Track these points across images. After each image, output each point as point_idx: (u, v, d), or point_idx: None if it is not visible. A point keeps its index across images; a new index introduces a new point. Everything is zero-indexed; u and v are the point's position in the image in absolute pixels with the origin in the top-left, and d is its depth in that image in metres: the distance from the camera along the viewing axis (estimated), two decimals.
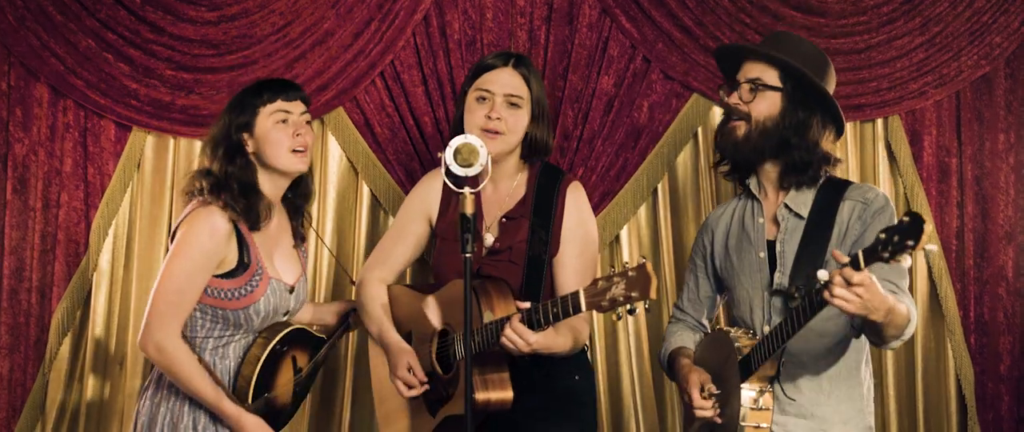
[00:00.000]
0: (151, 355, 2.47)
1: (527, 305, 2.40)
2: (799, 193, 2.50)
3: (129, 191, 3.54)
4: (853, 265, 2.02)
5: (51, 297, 3.50)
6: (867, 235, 2.36)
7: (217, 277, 2.49)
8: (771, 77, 2.49)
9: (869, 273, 2.04)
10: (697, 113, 3.52)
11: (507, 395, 2.52)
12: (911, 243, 1.90)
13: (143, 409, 2.56)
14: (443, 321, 2.66)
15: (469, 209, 2.23)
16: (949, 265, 3.50)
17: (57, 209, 3.51)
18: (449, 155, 2.30)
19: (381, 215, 3.59)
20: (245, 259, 2.51)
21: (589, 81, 3.49)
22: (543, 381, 2.66)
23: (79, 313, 3.52)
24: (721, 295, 2.72)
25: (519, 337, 2.39)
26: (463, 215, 2.23)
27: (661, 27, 3.48)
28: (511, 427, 2.63)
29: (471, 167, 2.29)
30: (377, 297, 2.81)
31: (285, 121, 2.56)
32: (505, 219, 2.73)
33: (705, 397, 2.40)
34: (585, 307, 2.27)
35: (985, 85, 3.52)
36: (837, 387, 2.45)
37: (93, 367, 3.50)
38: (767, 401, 2.34)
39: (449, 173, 2.32)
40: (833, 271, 2.06)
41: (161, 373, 2.55)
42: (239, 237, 2.51)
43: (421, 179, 2.93)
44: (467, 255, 2.22)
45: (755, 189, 2.58)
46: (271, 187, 2.59)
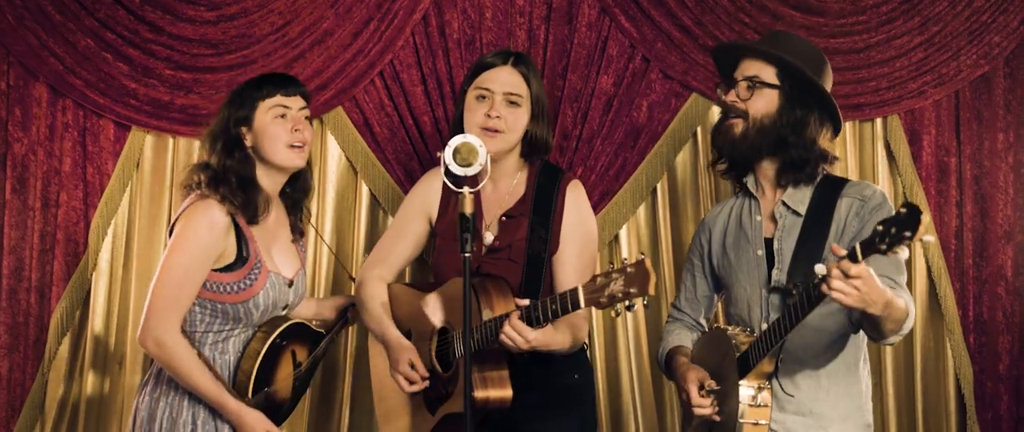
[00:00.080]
0: (151, 350, 2.47)
1: (526, 302, 2.40)
2: (796, 190, 2.50)
3: (128, 191, 3.53)
4: (850, 257, 2.02)
5: (50, 297, 3.49)
6: (865, 231, 2.36)
7: (216, 271, 2.48)
8: (768, 75, 2.50)
9: (866, 266, 2.04)
10: (696, 112, 3.52)
11: (506, 393, 2.52)
12: (908, 234, 1.89)
13: (142, 404, 2.55)
14: (442, 319, 2.66)
15: (468, 209, 2.23)
16: (948, 264, 3.49)
17: (56, 209, 3.51)
18: (448, 155, 2.29)
19: (380, 215, 3.58)
20: (244, 253, 2.51)
21: (588, 80, 3.49)
22: (542, 379, 2.66)
23: (78, 313, 3.50)
24: (718, 294, 2.72)
25: (518, 334, 2.39)
26: (462, 215, 2.23)
27: (660, 26, 3.48)
28: (510, 425, 2.63)
29: (470, 167, 2.28)
30: (377, 295, 2.81)
31: (284, 116, 2.56)
32: (505, 217, 2.73)
33: (703, 395, 2.40)
34: (584, 303, 2.27)
35: (984, 84, 3.52)
36: (835, 384, 2.45)
37: (92, 366, 3.49)
38: (766, 398, 2.34)
39: (448, 173, 2.31)
40: (830, 264, 2.06)
41: (160, 368, 2.54)
42: (238, 231, 2.51)
43: (421, 178, 2.93)
44: (466, 255, 2.22)
45: (752, 187, 2.58)
46: (269, 181, 2.59)
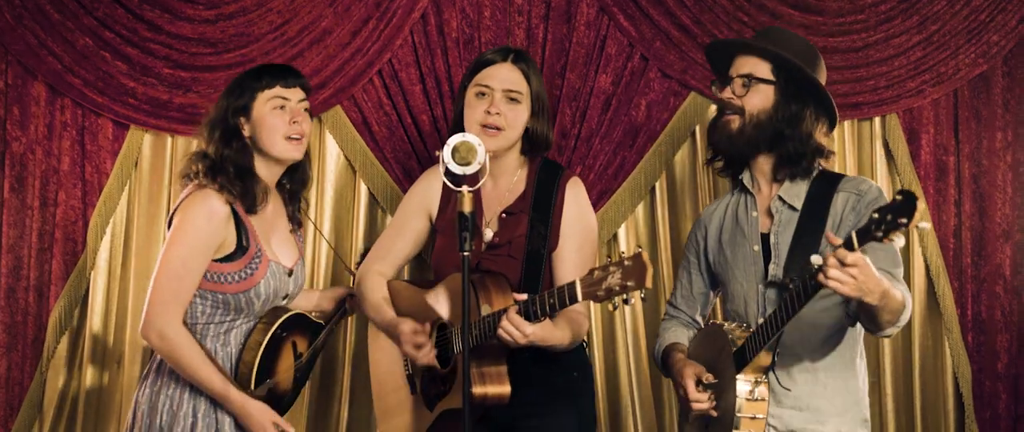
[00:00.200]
0: (153, 343, 2.46)
1: (524, 297, 2.39)
2: (793, 185, 2.51)
3: (127, 189, 3.53)
4: (847, 246, 2.02)
5: (49, 295, 3.49)
6: (861, 224, 2.36)
7: (216, 261, 2.48)
8: (763, 71, 2.50)
9: (862, 254, 2.03)
10: (695, 111, 3.52)
11: (505, 390, 2.51)
12: (904, 220, 1.89)
13: (143, 397, 2.55)
14: (441, 315, 2.66)
15: (467, 207, 2.22)
16: (946, 263, 3.49)
17: (55, 207, 3.51)
18: (447, 153, 2.29)
19: (379, 213, 3.58)
20: (244, 242, 2.51)
21: (587, 79, 3.49)
22: (541, 376, 2.66)
23: (77, 311, 3.51)
24: (714, 291, 2.72)
25: (516, 329, 2.38)
26: (461, 213, 2.22)
27: (659, 25, 3.48)
28: (509, 422, 2.63)
29: (469, 165, 2.28)
30: (377, 288, 2.80)
31: (282, 107, 2.56)
32: (505, 214, 2.73)
33: (701, 390, 2.40)
34: (581, 297, 2.27)
35: (982, 83, 3.51)
36: (832, 379, 2.45)
37: (91, 365, 3.49)
38: (763, 392, 2.34)
39: (447, 172, 2.30)
40: (827, 252, 2.05)
41: (160, 361, 2.54)
42: (237, 220, 2.51)
43: (422, 175, 2.93)
44: (465, 253, 2.21)
45: (748, 183, 2.58)
46: (266, 172, 2.59)
